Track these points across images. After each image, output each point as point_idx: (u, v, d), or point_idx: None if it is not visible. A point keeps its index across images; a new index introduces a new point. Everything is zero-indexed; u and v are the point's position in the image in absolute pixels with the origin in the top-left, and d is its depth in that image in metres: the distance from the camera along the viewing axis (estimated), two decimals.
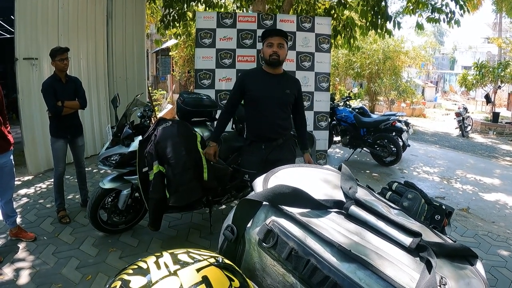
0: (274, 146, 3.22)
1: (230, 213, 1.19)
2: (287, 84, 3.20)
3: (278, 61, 3.08)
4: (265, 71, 3.19)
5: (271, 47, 3.05)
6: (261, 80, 3.18)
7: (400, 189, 1.80)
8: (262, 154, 3.21)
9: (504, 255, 4.07)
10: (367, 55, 16.52)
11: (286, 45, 3.13)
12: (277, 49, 3.04)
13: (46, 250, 3.68)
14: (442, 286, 0.94)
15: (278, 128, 3.21)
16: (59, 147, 4.29)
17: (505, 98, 24.13)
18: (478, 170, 7.98)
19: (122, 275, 0.86)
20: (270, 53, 3.05)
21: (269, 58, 3.06)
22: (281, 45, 3.06)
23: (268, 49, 3.07)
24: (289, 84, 3.22)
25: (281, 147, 3.24)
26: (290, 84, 3.23)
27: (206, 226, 4.21)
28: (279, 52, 3.05)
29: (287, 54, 3.20)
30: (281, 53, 3.07)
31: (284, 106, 3.22)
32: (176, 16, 8.42)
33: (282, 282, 1.04)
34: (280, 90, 3.15)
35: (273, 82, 3.16)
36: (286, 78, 3.24)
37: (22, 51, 5.60)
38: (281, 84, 3.17)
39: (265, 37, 3.11)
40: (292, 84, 3.25)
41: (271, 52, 3.05)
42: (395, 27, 7.39)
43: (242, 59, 6.10)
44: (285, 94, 3.17)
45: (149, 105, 4.25)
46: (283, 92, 3.16)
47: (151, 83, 15.52)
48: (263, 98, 3.16)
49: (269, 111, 3.16)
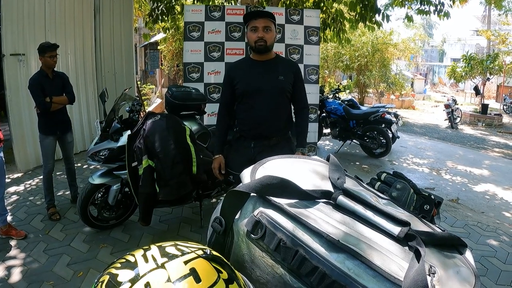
0: (265, 146, 2.77)
1: (218, 205, 1.18)
2: (280, 69, 2.75)
3: (266, 47, 2.67)
4: (253, 59, 2.80)
5: (256, 31, 2.63)
6: (249, 70, 2.79)
7: (389, 180, 1.80)
8: (250, 153, 2.78)
9: (493, 245, 4.12)
10: (356, 48, 16.59)
11: (274, 27, 2.70)
12: (263, 34, 2.62)
13: (37, 247, 3.66)
14: (431, 274, 0.94)
15: (271, 125, 2.78)
16: (48, 144, 4.25)
17: (494, 90, 24.38)
18: (467, 161, 8.05)
19: (110, 269, 0.86)
20: (255, 39, 2.64)
21: (255, 44, 2.66)
22: (267, 28, 2.64)
23: (253, 34, 2.65)
24: (283, 69, 2.76)
25: (273, 147, 2.74)
26: (284, 69, 2.76)
27: (197, 220, 4.22)
28: (266, 37, 2.63)
29: (275, 37, 2.78)
30: (268, 37, 2.65)
31: (279, 96, 2.77)
32: (165, 10, 8.36)
33: (271, 274, 1.03)
34: (272, 78, 2.72)
35: (262, 70, 2.74)
36: (278, 63, 2.79)
37: (9, 47, 5.52)
38: (272, 71, 2.74)
39: (248, 20, 2.68)
40: (287, 68, 2.78)
41: (256, 38, 2.64)
42: (384, 20, 7.41)
43: (231, 52, 6.07)
44: (279, 82, 2.72)
45: (137, 100, 4.23)
46: (276, 80, 2.72)
47: (139, 78, 15.41)
48: (252, 91, 2.75)
49: (260, 105, 2.74)
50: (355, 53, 16.68)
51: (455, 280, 0.98)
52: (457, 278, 0.99)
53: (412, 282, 0.88)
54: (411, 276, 0.90)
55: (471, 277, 1.02)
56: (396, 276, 0.92)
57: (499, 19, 24.66)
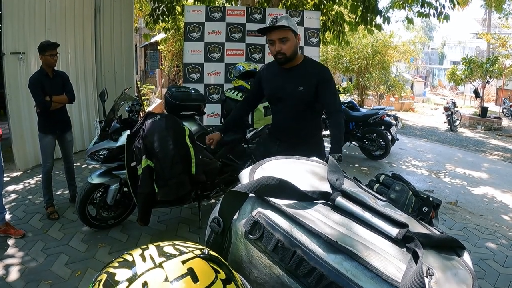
0: (288, 145, 2.79)
1: (217, 205, 1.18)
2: (302, 78, 2.69)
3: (286, 58, 2.63)
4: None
5: (273, 45, 2.62)
6: (275, 76, 2.81)
7: (388, 181, 1.80)
8: (274, 150, 2.80)
9: (492, 248, 4.11)
10: (356, 50, 16.59)
11: (293, 34, 2.61)
12: (280, 46, 2.59)
13: (35, 246, 3.65)
14: (429, 276, 0.94)
15: (293, 132, 2.81)
16: (47, 143, 4.24)
17: (494, 93, 24.43)
18: (466, 164, 8.05)
19: (108, 268, 0.86)
20: (275, 53, 2.64)
21: (276, 58, 2.68)
22: (284, 39, 2.58)
23: (271, 47, 2.66)
24: (306, 78, 2.68)
25: (295, 146, 2.67)
26: (307, 78, 2.68)
27: (195, 220, 4.21)
28: (283, 49, 2.59)
29: (298, 43, 2.68)
30: (286, 48, 2.59)
31: (299, 106, 2.75)
32: (165, 10, 8.37)
33: (269, 274, 1.03)
34: (292, 88, 2.70)
35: (285, 78, 2.74)
36: (302, 71, 2.71)
37: (9, 46, 5.51)
38: (294, 80, 2.70)
39: (264, 33, 2.68)
40: (309, 77, 2.68)
41: (275, 52, 2.64)
42: (385, 22, 7.42)
43: (231, 53, 6.08)
44: (298, 92, 2.68)
45: (137, 99, 4.22)
46: (295, 90, 2.68)
47: (139, 78, 15.40)
48: (275, 98, 2.84)
49: (282, 112, 2.83)
50: (355, 55, 16.68)
51: (453, 282, 0.98)
52: (455, 280, 0.99)
53: (410, 284, 0.88)
54: (408, 277, 0.90)
55: (469, 279, 1.02)
56: (393, 278, 0.92)
57: (499, 22, 24.67)
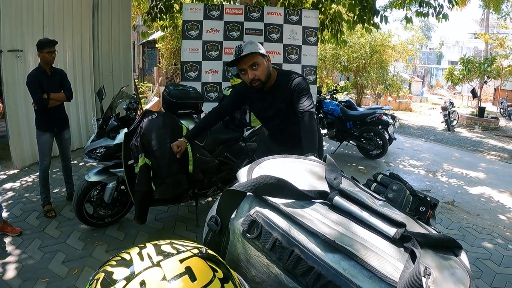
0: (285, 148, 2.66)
1: (215, 204, 1.18)
2: (279, 97, 2.69)
3: (262, 83, 2.59)
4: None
5: (245, 73, 2.55)
6: (257, 100, 2.81)
7: (385, 181, 1.80)
8: (274, 149, 2.72)
9: (488, 248, 4.13)
10: (354, 49, 16.60)
11: (262, 57, 2.55)
12: (253, 74, 2.53)
13: (32, 244, 3.65)
14: (426, 276, 0.95)
15: (286, 141, 2.86)
16: (45, 141, 4.24)
17: (491, 93, 24.47)
18: (463, 164, 8.06)
19: (105, 266, 0.85)
20: (249, 82, 2.58)
21: (252, 86, 2.61)
22: (255, 64, 2.52)
23: (244, 76, 2.59)
24: (283, 94, 2.68)
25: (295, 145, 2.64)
26: (284, 94, 2.67)
27: (193, 218, 4.20)
28: (257, 75, 2.54)
29: (268, 65, 2.62)
30: (260, 73, 2.54)
31: (284, 120, 2.79)
32: (163, 8, 8.35)
33: (267, 273, 1.03)
34: (274, 108, 2.74)
35: (265, 101, 2.76)
36: (279, 88, 2.70)
37: (7, 43, 5.49)
38: (274, 100, 2.72)
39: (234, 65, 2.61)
40: (285, 93, 2.67)
41: (249, 80, 2.57)
42: (382, 22, 7.42)
43: (229, 51, 6.08)
44: (279, 110, 2.73)
45: (134, 97, 4.21)
46: (278, 110, 2.73)
47: (137, 76, 15.38)
48: (261, 118, 2.99)
49: (271, 127, 2.98)
50: (353, 54, 16.69)
51: (450, 281, 0.98)
52: (452, 279, 0.99)
53: (407, 283, 0.88)
54: (406, 277, 0.90)
55: (466, 279, 1.02)
56: (391, 277, 0.92)
57: (497, 22, 24.76)
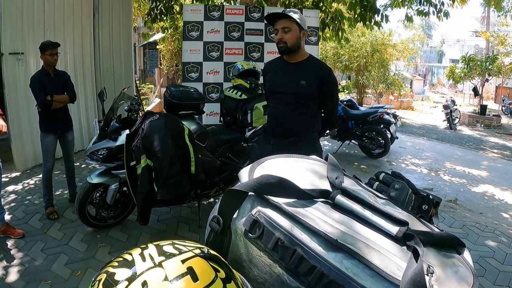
0: (283, 145, 2.76)
1: (216, 204, 1.18)
2: (305, 73, 2.70)
3: (287, 48, 2.64)
4: (284, 60, 2.80)
5: (276, 33, 2.65)
6: (278, 70, 2.84)
7: (388, 179, 1.80)
8: (269, 149, 2.77)
9: (492, 246, 4.12)
10: (355, 48, 16.59)
11: (297, 26, 2.61)
12: (281, 35, 2.61)
13: (35, 246, 3.65)
14: (429, 274, 0.94)
15: (289, 126, 2.78)
16: (49, 142, 4.25)
17: (493, 91, 24.45)
18: (466, 162, 8.05)
19: (107, 267, 0.85)
20: (276, 41, 2.66)
21: (277, 46, 2.69)
22: (287, 29, 2.60)
23: (275, 36, 2.67)
24: (308, 73, 2.70)
25: (290, 148, 2.65)
26: (310, 73, 2.70)
27: (195, 219, 4.21)
28: (285, 38, 2.61)
29: (300, 36, 2.66)
30: (288, 38, 2.61)
31: (299, 100, 2.74)
32: (164, 9, 8.36)
33: (269, 273, 1.03)
34: (294, 82, 2.70)
35: (288, 72, 2.75)
36: (305, 66, 2.73)
37: (8, 46, 5.50)
38: (297, 74, 2.71)
39: (270, 23, 2.74)
40: (312, 73, 2.71)
41: (276, 40, 2.65)
42: (383, 20, 7.42)
43: (230, 51, 6.08)
44: (300, 86, 2.68)
45: (136, 99, 4.21)
46: (298, 84, 2.69)
47: (138, 77, 15.39)
48: (275, 92, 2.85)
49: (280, 105, 2.81)
50: (354, 53, 16.69)
51: (453, 280, 0.98)
52: (455, 278, 0.99)
53: (410, 282, 0.88)
54: (409, 275, 0.90)
55: (469, 277, 1.01)
56: (394, 276, 0.92)
57: (498, 20, 24.69)
